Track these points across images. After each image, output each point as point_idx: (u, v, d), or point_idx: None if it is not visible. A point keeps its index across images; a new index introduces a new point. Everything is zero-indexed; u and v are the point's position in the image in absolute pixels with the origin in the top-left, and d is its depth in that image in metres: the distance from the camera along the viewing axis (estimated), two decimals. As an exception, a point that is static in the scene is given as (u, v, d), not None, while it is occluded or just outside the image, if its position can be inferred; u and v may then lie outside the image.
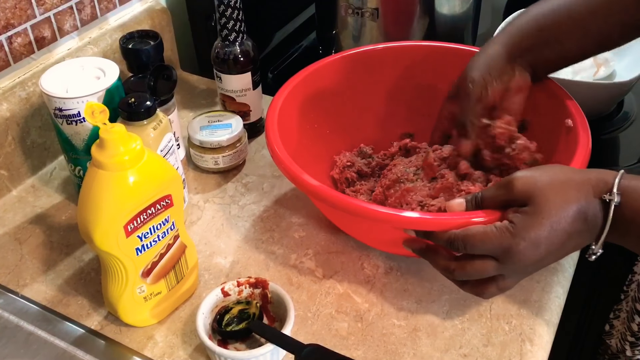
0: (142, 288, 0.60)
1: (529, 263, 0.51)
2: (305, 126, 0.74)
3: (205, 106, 0.94)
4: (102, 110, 0.51)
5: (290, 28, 1.14)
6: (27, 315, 0.63)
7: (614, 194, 0.48)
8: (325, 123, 0.76)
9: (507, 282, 0.54)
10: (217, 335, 0.59)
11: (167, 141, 0.67)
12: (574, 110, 0.65)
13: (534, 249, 0.50)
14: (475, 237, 0.51)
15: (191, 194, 0.79)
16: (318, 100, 0.75)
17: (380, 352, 0.60)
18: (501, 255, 0.51)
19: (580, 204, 0.49)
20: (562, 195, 0.49)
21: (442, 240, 0.53)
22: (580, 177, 0.51)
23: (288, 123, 0.69)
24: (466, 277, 0.54)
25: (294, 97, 0.72)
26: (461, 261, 0.54)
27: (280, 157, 0.62)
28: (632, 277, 0.79)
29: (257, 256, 0.70)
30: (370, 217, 0.56)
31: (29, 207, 0.77)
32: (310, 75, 0.74)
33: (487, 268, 0.52)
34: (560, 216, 0.49)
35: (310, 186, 0.59)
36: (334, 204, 0.58)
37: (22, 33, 0.77)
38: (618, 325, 0.80)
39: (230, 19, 0.78)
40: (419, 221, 0.56)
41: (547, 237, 0.49)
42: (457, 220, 0.53)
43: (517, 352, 0.59)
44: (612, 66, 0.91)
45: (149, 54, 0.76)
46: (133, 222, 0.55)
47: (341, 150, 0.78)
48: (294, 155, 0.62)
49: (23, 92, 0.77)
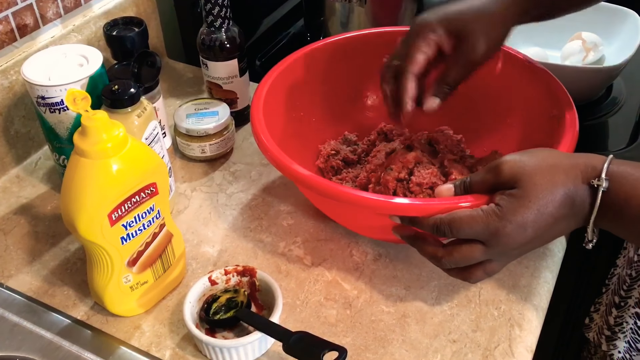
0: (128, 277, 0.59)
1: (515, 246, 0.50)
2: (291, 114, 0.73)
3: (192, 94, 0.93)
4: (83, 97, 0.51)
5: (278, 15, 1.13)
6: (12, 306, 0.62)
7: (602, 179, 0.48)
8: (311, 110, 0.76)
9: (494, 265, 0.53)
10: (204, 324, 0.59)
11: (152, 129, 0.66)
12: (562, 96, 0.65)
13: (520, 232, 0.49)
14: (461, 221, 0.51)
15: (178, 182, 0.78)
16: (303, 87, 0.74)
17: (369, 339, 0.59)
18: (488, 238, 0.50)
19: (568, 188, 0.49)
20: (550, 179, 0.49)
21: (427, 225, 0.53)
22: (568, 161, 0.51)
23: (273, 111, 0.68)
24: (454, 264, 0.53)
25: (279, 84, 0.71)
26: (448, 248, 0.53)
27: (266, 146, 0.61)
28: (614, 270, 0.79)
29: (245, 244, 0.69)
30: (354, 203, 0.56)
31: (14, 198, 0.76)
32: (294, 63, 0.73)
33: (474, 253, 0.52)
34: (548, 200, 0.49)
35: (293, 171, 0.58)
36: (318, 190, 0.58)
37: (3, 20, 0.76)
38: (597, 319, 0.80)
39: (216, 4, 0.77)
40: (403, 207, 0.55)
41: (534, 221, 0.49)
42: (443, 205, 0.53)
43: (506, 337, 0.59)
44: (601, 51, 0.91)
45: (134, 41, 0.74)
46: (117, 210, 0.54)
47: (327, 138, 0.77)
48: (280, 143, 0.62)
49: (5, 81, 0.76)
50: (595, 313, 0.81)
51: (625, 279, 0.73)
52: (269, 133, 0.63)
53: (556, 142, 0.59)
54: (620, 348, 0.75)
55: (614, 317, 0.75)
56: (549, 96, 0.65)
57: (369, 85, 0.79)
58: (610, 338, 0.76)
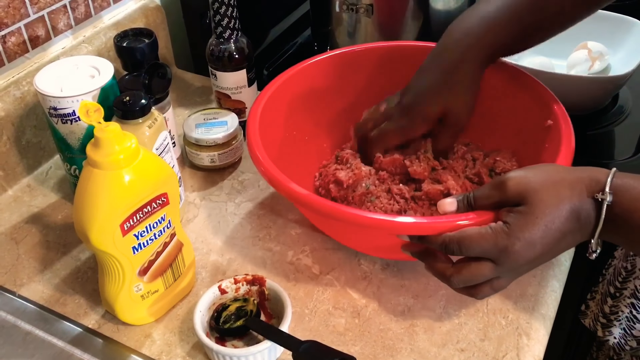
0: (139, 286, 0.60)
1: (524, 263, 0.51)
2: (289, 131, 0.73)
3: (201, 104, 0.94)
4: (96, 109, 0.51)
5: (285, 25, 1.14)
6: (24, 315, 0.63)
7: (606, 193, 0.48)
8: (311, 123, 0.75)
9: (501, 282, 0.53)
10: (214, 333, 0.60)
11: (163, 139, 0.67)
12: (557, 109, 0.64)
13: (529, 249, 0.49)
14: (470, 239, 0.51)
15: (187, 192, 0.79)
16: (304, 100, 0.74)
17: (377, 348, 0.60)
18: (497, 256, 0.51)
19: (574, 203, 0.49)
20: (556, 194, 0.49)
21: (436, 243, 0.53)
22: (573, 176, 0.51)
23: (271, 125, 0.68)
24: (463, 283, 0.53)
25: (278, 97, 0.71)
26: (457, 266, 0.53)
27: (262, 163, 0.60)
28: (612, 261, 0.80)
29: (254, 253, 0.70)
30: (360, 224, 0.55)
31: (25, 207, 0.77)
32: (294, 76, 0.73)
33: (483, 271, 0.52)
34: (554, 216, 0.49)
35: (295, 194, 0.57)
36: (321, 211, 0.57)
37: (15, 32, 0.77)
38: (592, 306, 0.81)
39: (225, 16, 0.78)
40: (411, 226, 0.55)
41: (542, 237, 0.49)
42: (450, 224, 0.53)
43: (513, 346, 0.60)
44: (607, 60, 0.91)
45: (144, 52, 0.75)
46: (129, 220, 0.55)
47: (326, 149, 0.77)
48: (277, 160, 0.61)
49: (18, 92, 0.77)
50: (591, 300, 0.82)
51: (620, 271, 0.74)
52: (265, 151, 0.62)
53: (554, 152, 0.59)
54: (616, 334, 0.76)
55: (609, 306, 0.76)
56: (545, 111, 0.65)
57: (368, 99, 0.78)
58: (606, 325, 0.77)
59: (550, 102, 0.65)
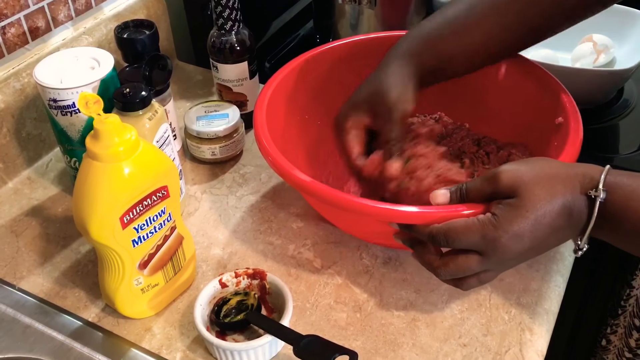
0: (139, 280, 0.59)
1: (511, 256, 0.50)
2: (295, 117, 0.73)
3: (202, 96, 0.94)
4: (96, 101, 0.51)
5: (287, 17, 1.13)
6: (24, 308, 0.62)
7: (599, 190, 0.48)
8: (316, 114, 0.75)
9: (488, 274, 0.53)
10: (215, 327, 0.59)
11: (163, 132, 0.66)
12: (568, 104, 0.64)
13: (517, 242, 0.49)
14: (457, 231, 0.50)
15: (188, 185, 0.78)
16: (308, 91, 0.74)
17: (379, 342, 0.59)
18: (484, 249, 0.50)
19: (566, 199, 0.49)
20: (548, 189, 0.49)
21: (424, 234, 0.53)
22: (566, 171, 0.50)
23: (276, 116, 0.68)
24: (449, 275, 0.53)
25: (282, 89, 0.70)
26: (444, 258, 0.53)
27: (268, 150, 0.61)
28: (631, 291, 0.78)
29: (255, 247, 0.69)
30: (353, 210, 0.55)
31: (25, 199, 0.76)
32: (299, 66, 0.73)
33: (470, 264, 0.51)
34: (546, 210, 0.48)
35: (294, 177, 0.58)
36: (318, 196, 0.57)
37: (15, 23, 0.76)
38: (615, 341, 0.79)
39: (226, 7, 0.77)
40: (399, 214, 0.54)
41: (531, 231, 0.48)
42: (439, 214, 0.52)
43: (516, 342, 0.59)
44: (612, 53, 0.90)
45: (144, 44, 0.75)
46: (129, 213, 0.54)
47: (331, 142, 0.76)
48: (282, 148, 0.61)
49: (17, 83, 0.76)
50: (612, 335, 0.80)
51: None
52: (271, 138, 0.62)
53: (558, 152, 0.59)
54: None
55: (634, 339, 0.74)
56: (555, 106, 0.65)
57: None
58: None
59: (564, 99, 0.65)
